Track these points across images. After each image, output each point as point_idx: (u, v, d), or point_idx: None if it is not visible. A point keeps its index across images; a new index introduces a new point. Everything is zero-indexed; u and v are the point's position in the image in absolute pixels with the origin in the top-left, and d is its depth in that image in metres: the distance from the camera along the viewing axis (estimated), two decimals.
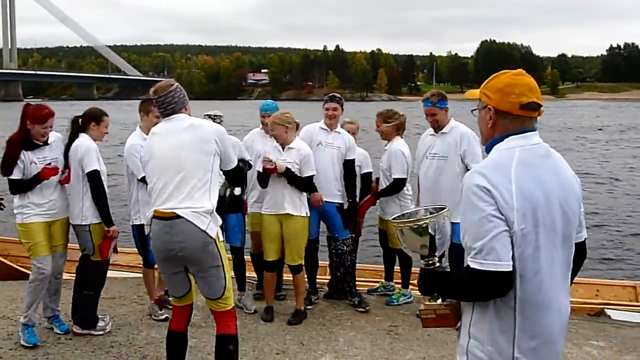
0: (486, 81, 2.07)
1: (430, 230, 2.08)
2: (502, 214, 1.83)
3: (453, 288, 1.97)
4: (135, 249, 5.35)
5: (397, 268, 5.79)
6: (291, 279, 5.16)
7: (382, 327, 4.90)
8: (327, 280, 5.77)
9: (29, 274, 6.51)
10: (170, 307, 4.03)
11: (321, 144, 5.17)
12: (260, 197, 5.12)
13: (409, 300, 5.54)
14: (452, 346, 4.45)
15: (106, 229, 4.49)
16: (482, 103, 2.06)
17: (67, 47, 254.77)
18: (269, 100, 5.74)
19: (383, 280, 5.89)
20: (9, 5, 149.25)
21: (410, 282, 5.62)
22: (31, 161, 4.31)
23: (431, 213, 2.16)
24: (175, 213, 3.17)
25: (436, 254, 2.11)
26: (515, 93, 1.97)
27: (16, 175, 4.30)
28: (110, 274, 5.02)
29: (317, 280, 5.57)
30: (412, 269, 5.48)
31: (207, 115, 4.89)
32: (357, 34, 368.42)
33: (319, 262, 5.55)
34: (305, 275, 5.24)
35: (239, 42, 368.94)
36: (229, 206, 4.95)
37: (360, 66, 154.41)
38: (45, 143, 4.39)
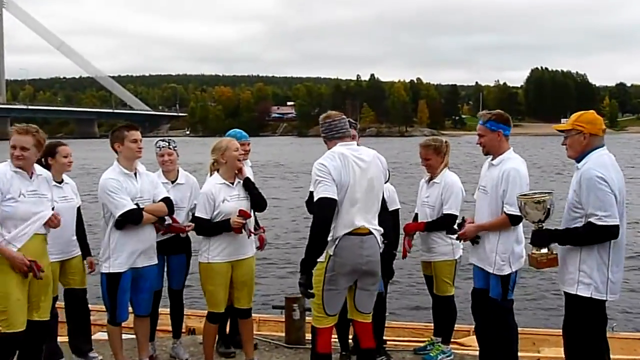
0: (575, 117, 3.52)
1: (547, 205, 3.42)
2: (613, 191, 3.30)
3: (576, 238, 3.37)
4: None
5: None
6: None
7: None
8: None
9: None
10: None
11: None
12: None
13: (449, 358, 4.79)
14: None
15: None
16: (575, 131, 3.46)
17: (64, 78, 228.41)
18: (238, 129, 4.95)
19: (432, 337, 5.07)
20: None
21: (453, 339, 4.97)
22: None
23: (541, 194, 3.46)
24: (369, 230, 3.57)
25: (545, 221, 3.45)
26: (599, 123, 3.53)
27: None
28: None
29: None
30: (457, 325, 4.99)
31: (162, 140, 4.84)
32: (393, 62, 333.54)
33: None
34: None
35: (260, 72, 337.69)
36: (174, 246, 4.65)
37: (399, 97, 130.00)
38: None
